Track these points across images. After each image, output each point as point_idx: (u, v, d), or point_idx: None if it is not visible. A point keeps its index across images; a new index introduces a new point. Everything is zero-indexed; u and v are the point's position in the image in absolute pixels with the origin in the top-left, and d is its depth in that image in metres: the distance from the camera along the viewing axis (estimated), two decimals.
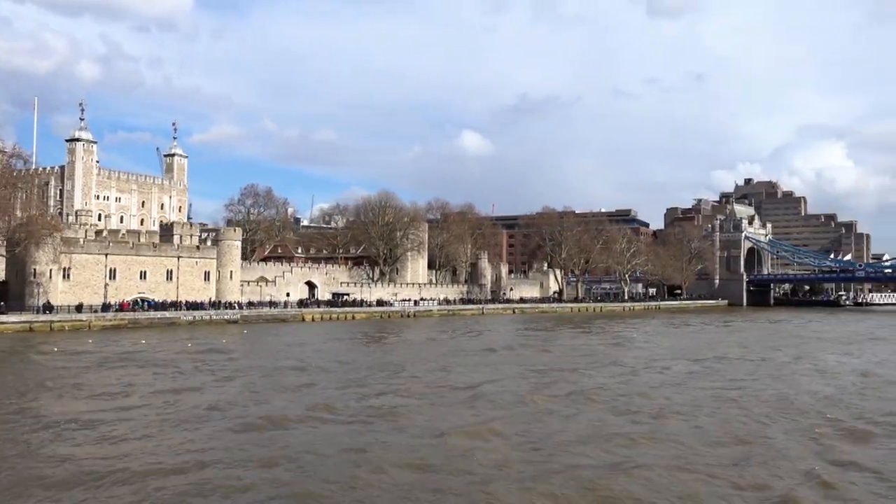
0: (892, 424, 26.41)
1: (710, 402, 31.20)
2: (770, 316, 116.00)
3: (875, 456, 21.96)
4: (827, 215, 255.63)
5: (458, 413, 28.09)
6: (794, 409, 29.45)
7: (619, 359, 48.71)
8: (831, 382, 38.14)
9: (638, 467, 20.07)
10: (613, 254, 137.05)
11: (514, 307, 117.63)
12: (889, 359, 50.57)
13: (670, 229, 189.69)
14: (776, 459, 21.21)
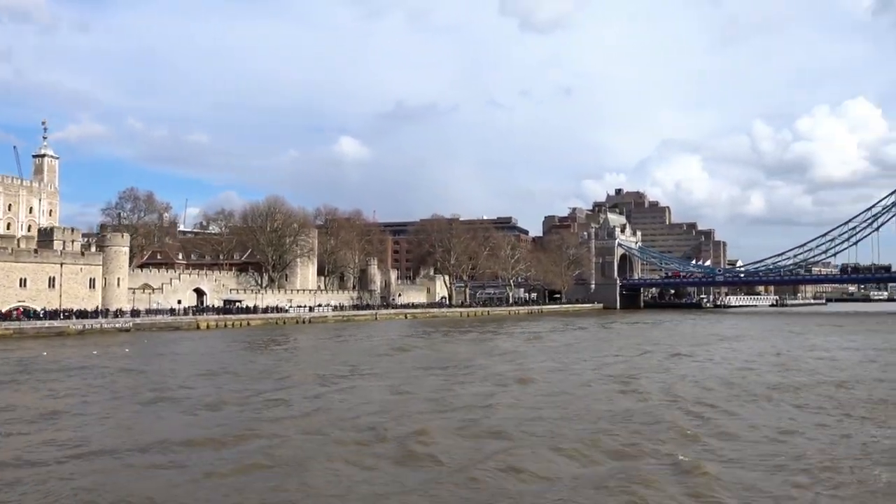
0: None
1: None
2: (643, 317, 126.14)
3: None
4: (689, 224, 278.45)
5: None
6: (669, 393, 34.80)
7: (547, 356, 53.45)
8: (715, 375, 44.35)
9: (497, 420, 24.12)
10: (499, 260, 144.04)
11: (406, 312, 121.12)
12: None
13: (549, 236, 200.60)
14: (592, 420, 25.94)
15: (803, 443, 23.28)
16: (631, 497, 17.49)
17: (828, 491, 17.96)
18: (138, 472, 19.83)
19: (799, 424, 26.31)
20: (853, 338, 72.84)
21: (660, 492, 17.83)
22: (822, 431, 25.11)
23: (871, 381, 38.44)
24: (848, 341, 68.09)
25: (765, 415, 28.39)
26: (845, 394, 33.68)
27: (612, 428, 25.47)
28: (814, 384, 37.04)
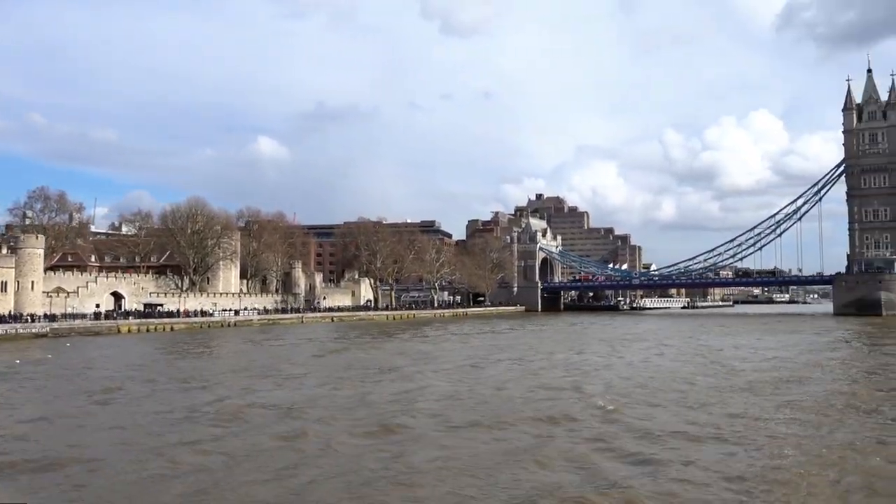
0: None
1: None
2: (564, 319, 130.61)
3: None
4: (606, 229, 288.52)
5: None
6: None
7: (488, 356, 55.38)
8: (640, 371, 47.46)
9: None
10: (425, 263, 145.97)
11: (332, 315, 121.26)
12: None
13: (473, 240, 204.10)
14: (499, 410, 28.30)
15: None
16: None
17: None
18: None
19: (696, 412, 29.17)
20: (756, 337, 78.27)
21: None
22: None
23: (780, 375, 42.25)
24: (754, 341, 73.21)
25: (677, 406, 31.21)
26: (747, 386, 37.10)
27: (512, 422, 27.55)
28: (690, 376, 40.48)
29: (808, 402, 31.95)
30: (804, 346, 63.60)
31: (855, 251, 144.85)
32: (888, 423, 27.10)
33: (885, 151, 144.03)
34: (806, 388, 36.40)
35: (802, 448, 22.73)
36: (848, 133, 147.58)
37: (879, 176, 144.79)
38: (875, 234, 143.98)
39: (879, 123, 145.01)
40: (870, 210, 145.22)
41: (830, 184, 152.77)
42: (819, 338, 75.70)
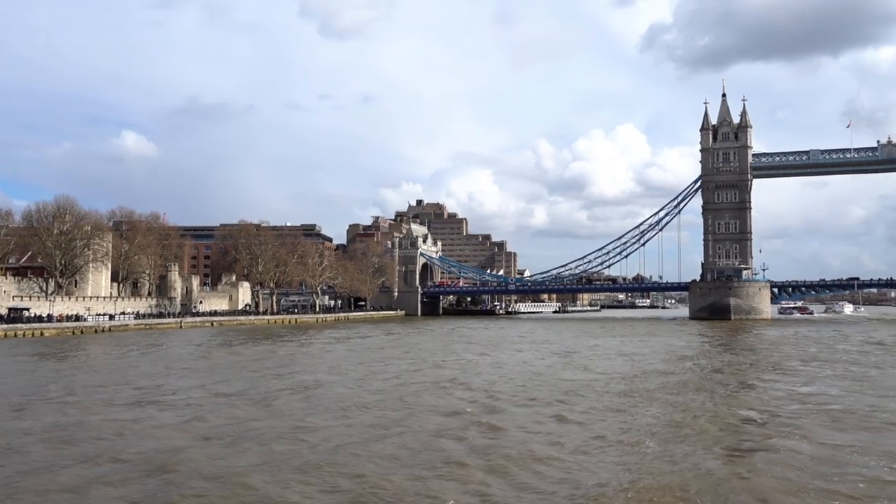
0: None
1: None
2: (444, 323, 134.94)
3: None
4: (484, 235, 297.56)
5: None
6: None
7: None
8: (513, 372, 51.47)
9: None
10: (307, 267, 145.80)
11: (213, 320, 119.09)
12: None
13: (354, 245, 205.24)
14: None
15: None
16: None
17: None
18: None
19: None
20: (622, 339, 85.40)
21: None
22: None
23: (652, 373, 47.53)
24: (620, 342, 79.98)
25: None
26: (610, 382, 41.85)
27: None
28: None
29: (661, 391, 36.83)
30: (664, 346, 70.55)
31: (709, 260, 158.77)
32: (720, 400, 32.16)
33: (735, 170, 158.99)
34: (664, 380, 41.57)
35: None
36: (704, 152, 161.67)
37: (730, 192, 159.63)
38: (726, 244, 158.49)
39: (731, 144, 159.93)
40: (722, 223, 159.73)
41: (689, 198, 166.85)
42: (676, 340, 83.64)
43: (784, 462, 21.95)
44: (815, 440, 25.14)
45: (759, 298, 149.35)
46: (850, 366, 51.98)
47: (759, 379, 44.56)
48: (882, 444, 24.25)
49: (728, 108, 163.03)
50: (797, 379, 44.17)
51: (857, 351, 66.10)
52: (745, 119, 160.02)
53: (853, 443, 24.38)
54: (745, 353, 64.80)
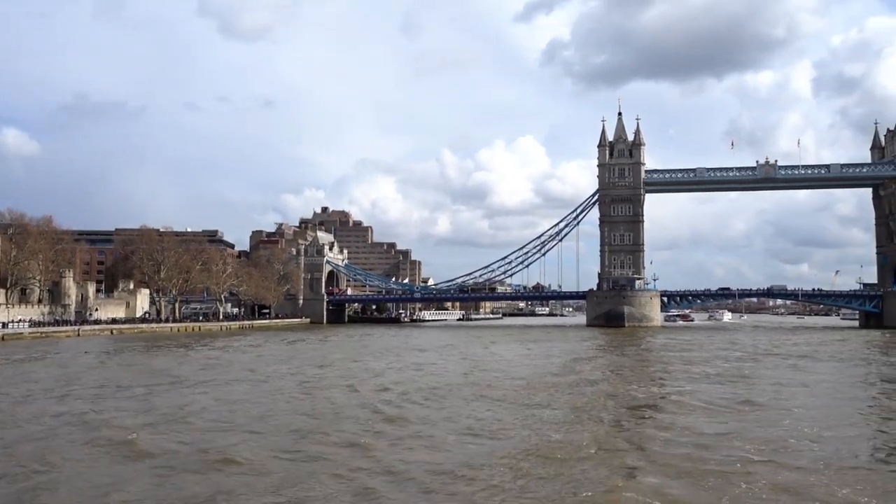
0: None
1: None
2: (350, 330, 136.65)
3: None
4: (389, 244, 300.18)
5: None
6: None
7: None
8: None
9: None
10: (212, 274, 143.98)
11: (112, 328, 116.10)
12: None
13: (259, 251, 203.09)
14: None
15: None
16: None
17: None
18: None
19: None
20: (525, 344, 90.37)
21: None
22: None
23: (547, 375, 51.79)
24: (522, 347, 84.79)
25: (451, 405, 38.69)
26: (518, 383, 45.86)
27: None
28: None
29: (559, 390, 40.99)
30: (564, 351, 75.66)
31: (605, 270, 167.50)
32: (611, 395, 36.57)
33: (629, 185, 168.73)
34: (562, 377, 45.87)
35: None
36: (601, 167, 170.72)
37: (625, 206, 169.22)
38: (621, 255, 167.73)
39: (626, 160, 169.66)
40: (617, 235, 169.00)
41: (587, 210, 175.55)
42: (575, 345, 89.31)
43: (669, 445, 26.10)
44: (694, 428, 29.61)
45: (650, 307, 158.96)
46: (724, 362, 58.34)
47: (648, 378, 49.65)
48: (750, 432, 28.68)
49: (623, 126, 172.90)
50: (680, 377, 49.52)
51: (730, 354, 73.24)
52: (638, 137, 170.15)
53: (727, 430, 28.84)
54: (636, 356, 70.64)
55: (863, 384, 46.56)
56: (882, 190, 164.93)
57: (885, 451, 25.60)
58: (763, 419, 31.44)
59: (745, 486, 20.13)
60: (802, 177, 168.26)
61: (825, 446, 25.51)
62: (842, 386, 45.20)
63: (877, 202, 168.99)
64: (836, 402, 37.86)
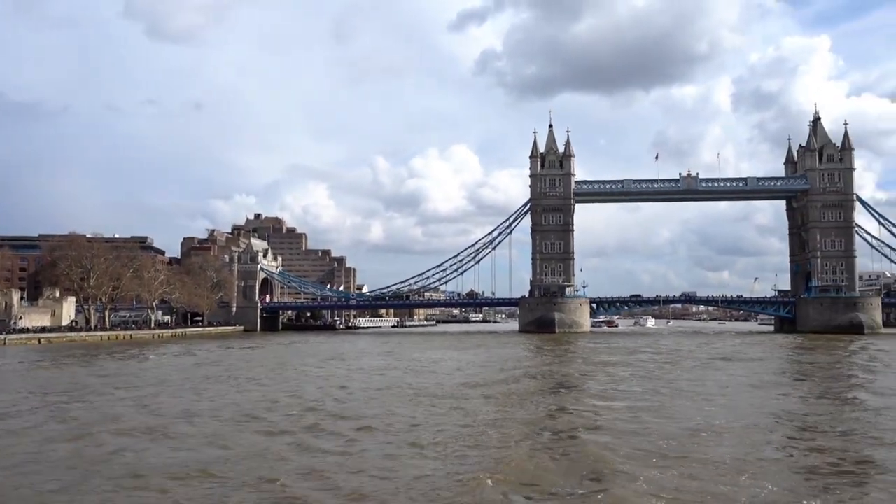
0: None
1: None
2: (284, 338, 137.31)
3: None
4: (323, 251, 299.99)
5: None
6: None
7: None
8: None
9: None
10: (143, 282, 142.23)
11: (40, 336, 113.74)
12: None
13: (191, 258, 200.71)
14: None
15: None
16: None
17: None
18: None
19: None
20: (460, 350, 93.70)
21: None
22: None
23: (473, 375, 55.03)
24: (458, 353, 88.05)
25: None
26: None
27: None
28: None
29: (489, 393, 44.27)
30: (498, 355, 79.23)
31: (536, 277, 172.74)
32: (544, 393, 40.02)
33: (560, 195, 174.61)
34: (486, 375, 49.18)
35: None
36: (533, 177, 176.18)
37: (556, 215, 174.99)
38: (552, 263, 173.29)
39: (557, 171, 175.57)
40: (548, 243, 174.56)
41: (519, 219, 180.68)
42: (509, 350, 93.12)
43: (600, 434, 29.51)
44: (622, 418, 33.22)
45: (580, 313, 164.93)
46: (645, 363, 62.85)
47: (576, 378, 53.47)
48: (670, 426, 32.19)
49: (554, 138, 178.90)
50: (604, 377, 53.52)
51: (652, 356, 78.26)
52: (568, 149, 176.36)
53: (649, 423, 32.39)
54: (564, 359, 74.77)
55: (773, 383, 51.09)
56: (795, 202, 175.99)
57: (785, 443, 29.19)
58: (677, 414, 35.15)
59: (657, 474, 23.10)
60: (722, 189, 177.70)
61: (732, 438, 28.75)
62: (750, 385, 49.75)
63: (790, 214, 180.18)
64: (745, 398, 42.06)
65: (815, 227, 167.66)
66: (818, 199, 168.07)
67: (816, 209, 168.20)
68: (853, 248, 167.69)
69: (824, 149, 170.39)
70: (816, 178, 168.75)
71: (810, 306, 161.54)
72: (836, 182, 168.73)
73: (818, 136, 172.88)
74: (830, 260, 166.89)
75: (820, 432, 30.74)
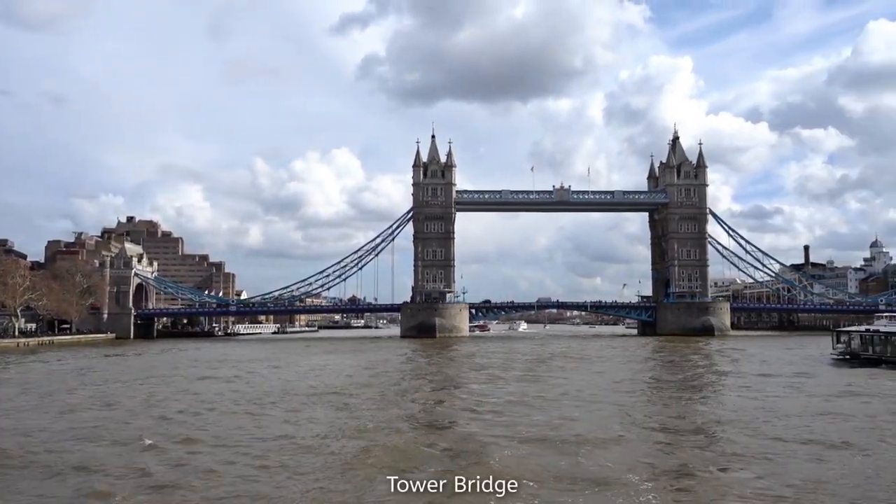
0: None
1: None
2: (159, 346, 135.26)
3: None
4: (201, 256, 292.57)
5: None
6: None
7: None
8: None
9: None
10: (8, 288, 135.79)
11: None
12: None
13: (58, 263, 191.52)
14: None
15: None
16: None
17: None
18: None
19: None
20: (340, 356, 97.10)
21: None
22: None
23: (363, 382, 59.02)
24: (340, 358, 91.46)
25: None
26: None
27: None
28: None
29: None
30: (380, 358, 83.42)
31: (418, 284, 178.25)
32: (425, 390, 44.70)
33: (442, 204, 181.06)
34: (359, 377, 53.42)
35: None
36: (416, 186, 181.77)
37: (438, 223, 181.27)
38: (433, 270, 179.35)
39: (439, 181, 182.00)
40: (430, 250, 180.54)
41: (402, 226, 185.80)
42: (391, 354, 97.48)
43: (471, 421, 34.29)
44: (500, 412, 38.24)
45: (459, 318, 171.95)
46: (518, 363, 69.06)
47: (449, 377, 58.54)
48: (539, 416, 37.50)
49: (437, 148, 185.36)
50: (481, 375, 58.92)
51: (524, 357, 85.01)
52: (450, 159, 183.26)
53: (525, 414, 37.49)
54: (443, 361, 79.98)
55: (630, 380, 58.14)
56: (656, 215, 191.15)
57: (637, 429, 34.99)
58: (541, 407, 40.58)
59: (507, 453, 28.27)
60: (591, 201, 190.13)
61: (588, 425, 34.12)
62: (608, 381, 56.53)
63: (652, 225, 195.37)
64: (602, 392, 48.31)
65: (674, 238, 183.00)
66: (676, 212, 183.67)
67: (675, 221, 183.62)
68: (706, 258, 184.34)
69: (682, 166, 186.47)
70: (675, 192, 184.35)
71: (668, 311, 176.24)
72: (692, 197, 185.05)
73: (677, 154, 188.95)
74: (686, 268, 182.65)
75: (658, 416, 37.09)
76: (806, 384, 52.60)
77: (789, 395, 45.92)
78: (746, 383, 53.82)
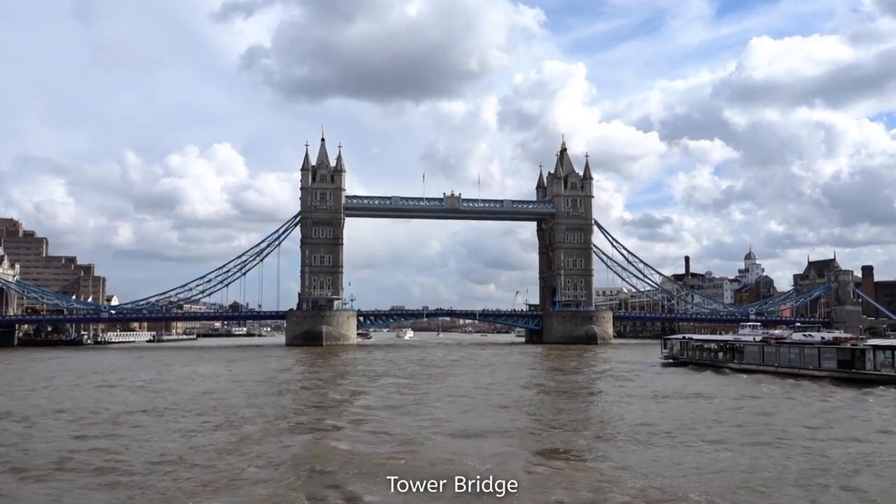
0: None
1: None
2: (21, 356, 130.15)
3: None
4: (68, 258, 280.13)
5: None
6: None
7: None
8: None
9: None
10: None
11: None
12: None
13: None
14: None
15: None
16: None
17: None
18: None
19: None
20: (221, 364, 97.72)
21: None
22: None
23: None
24: (216, 367, 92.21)
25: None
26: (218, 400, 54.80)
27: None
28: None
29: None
30: (261, 368, 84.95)
31: (305, 290, 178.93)
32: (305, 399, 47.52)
33: (331, 209, 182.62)
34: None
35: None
36: (304, 190, 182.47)
37: (326, 228, 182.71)
38: (321, 276, 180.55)
39: (328, 185, 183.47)
40: (318, 256, 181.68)
41: (289, 230, 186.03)
42: (273, 363, 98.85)
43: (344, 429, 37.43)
44: (375, 416, 41.56)
45: (347, 326, 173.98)
46: (405, 370, 72.69)
47: (338, 386, 61.44)
48: (423, 411, 41.13)
49: (326, 151, 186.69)
50: (370, 383, 62.09)
51: (406, 366, 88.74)
52: (340, 164, 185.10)
53: (392, 419, 41.02)
54: (330, 369, 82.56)
55: (509, 384, 62.87)
56: (544, 224, 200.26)
57: (521, 425, 39.18)
58: (415, 413, 44.22)
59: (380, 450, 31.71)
60: (480, 209, 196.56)
61: (469, 423, 38.04)
62: (491, 385, 60.97)
63: (540, 234, 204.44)
64: (483, 395, 52.51)
65: (560, 248, 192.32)
66: (563, 222, 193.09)
67: (561, 231, 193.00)
68: (591, 268, 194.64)
69: (569, 177, 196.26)
70: (561, 203, 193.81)
71: (554, 319, 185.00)
72: (578, 208, 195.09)
73: (564, 165, 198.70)
74: (572, 277, 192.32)
75: (527, 413, 41.58)
76: (629, 383, 62.55)
77: (609, 391, 56.51)
78: (586, 381, 64.87)
